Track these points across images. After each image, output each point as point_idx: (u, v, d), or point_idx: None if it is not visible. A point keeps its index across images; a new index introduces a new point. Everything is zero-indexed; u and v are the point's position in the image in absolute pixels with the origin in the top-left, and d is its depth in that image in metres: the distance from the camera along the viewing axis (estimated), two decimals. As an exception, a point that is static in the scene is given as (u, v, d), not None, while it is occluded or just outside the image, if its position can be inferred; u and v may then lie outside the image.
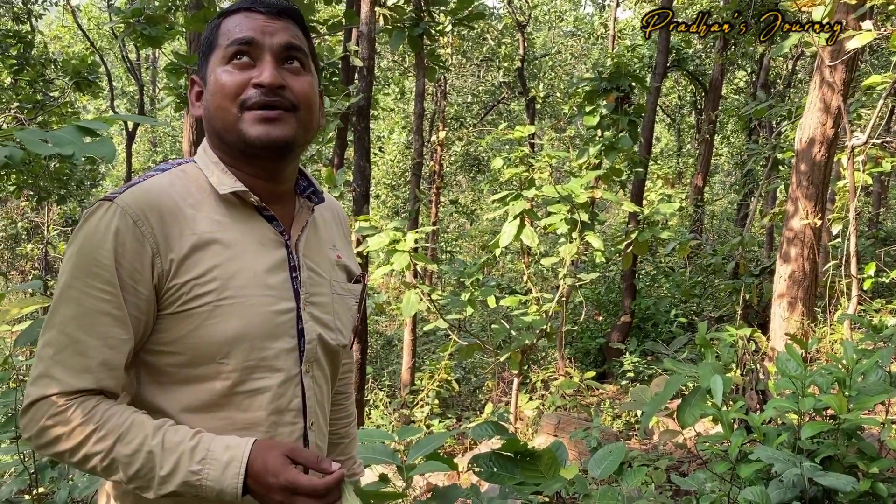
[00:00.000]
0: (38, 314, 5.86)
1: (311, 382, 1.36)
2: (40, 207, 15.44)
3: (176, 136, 25.57)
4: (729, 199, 18.42)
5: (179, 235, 1.22)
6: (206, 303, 1.22)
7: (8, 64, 10.92)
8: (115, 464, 1.15)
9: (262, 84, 1.26)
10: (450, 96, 18.64)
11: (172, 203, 1.24)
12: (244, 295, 1.25)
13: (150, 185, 1.25)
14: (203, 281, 1.22)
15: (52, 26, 24.06)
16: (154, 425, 1.18)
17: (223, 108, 1.28)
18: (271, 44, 1.28)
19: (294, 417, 1.32)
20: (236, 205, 1.30)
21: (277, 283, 1.30)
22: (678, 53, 13.77)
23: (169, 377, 1.25)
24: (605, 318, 11.19)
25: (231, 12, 1.33)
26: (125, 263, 1.18)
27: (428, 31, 7.96)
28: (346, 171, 6.78)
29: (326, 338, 1.38)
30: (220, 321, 1.22)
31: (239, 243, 1.27)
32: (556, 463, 1.89)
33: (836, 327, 6.10)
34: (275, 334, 1.28)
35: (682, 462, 4.63)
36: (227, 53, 1.28)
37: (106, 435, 1.15)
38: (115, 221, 1.18)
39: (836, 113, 5.92)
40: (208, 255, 1.23)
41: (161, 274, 1.20)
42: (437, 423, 7.30)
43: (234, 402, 1.26)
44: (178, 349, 1.23)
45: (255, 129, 1.26)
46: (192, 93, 1.37)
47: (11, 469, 2.58)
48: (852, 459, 2.30)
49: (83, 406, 1.16)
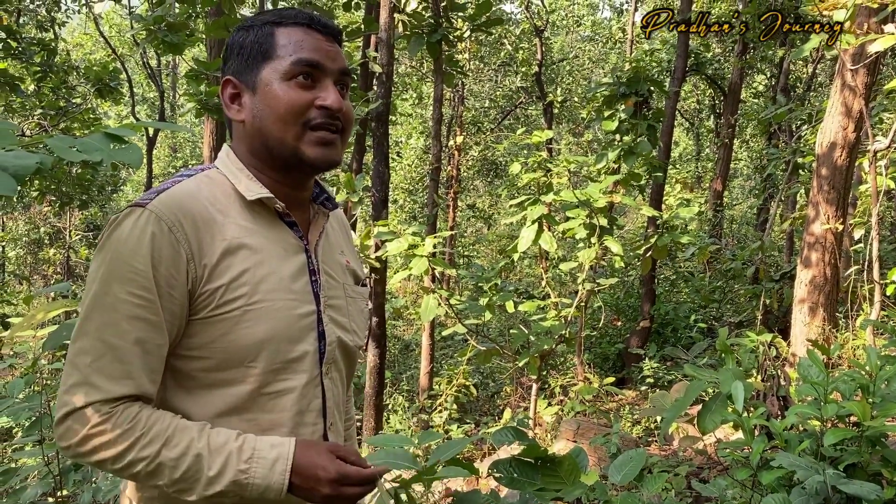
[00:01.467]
0: (61, 318, 5.92)
1: (330, 384, 1.39)
2: (62, 212, 15.62)
3: (196, 141, 25.76)
4: (748, 203, 18.28)
5: (211, 241, 1.24)
6: (236, 307, 1.24)
7: (32, 71, 11.06)
8: (161, 468, 1.17)
9: (329, 108, 1.30)
10: (467, 101, 18.64)
11: (203, 209, 1.25)
12: (272, 299, 1.27)
13: (181, 191, 1.26)
14: (234, 286, 1.24)
15: (75, 34, 24.37)
16: (198, 428, 1.20)
17: (285, 123, 1.29)
18: (333, 69, 1.32)
19: (315, 418, 1.35)
20: (261, 211, 1.33)
21: (300, 287, 1.33)
22: (697, 57, 13.70)
23: (196, 381, 1.27)
24: (625, 323, 11.14)
25: (288, 23, 1.33)
26: (161, 269, 1.19)
27: (446, 37, 7.98)
28: (364, 177, 6.80)
29: (345, 339, 1.42)
30: (250, 325, 1.24)
31: (265, 249, 1.30)
32: (576, 469, 1.88)
33: (858, 333, 6.04)
34: (299, 337, 1.31)
35: (703, 468, 4.59)
36: (291, 70, 1.29)
37: (152, 440, 1.17)
38: (151, 227, 1.19)
39: (857, 117, 5.87)
40: (238, 260, 1.25)
41: (195, 279, 1.22)
42: (455, 428, 7.30)
43: (260, 404, 1.28)
44: (208, 353, 1.25)
45: (314, 150, 1.30)
46: (226, 94, 1.36)
47: (35, 472, 2.61)
48: (876, 467, 2.28)
49: (126, 413, 1.18)
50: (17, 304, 12.87)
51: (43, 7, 12.26)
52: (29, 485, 2.56)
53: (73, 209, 14.70)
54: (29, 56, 10.82)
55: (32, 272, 17.85)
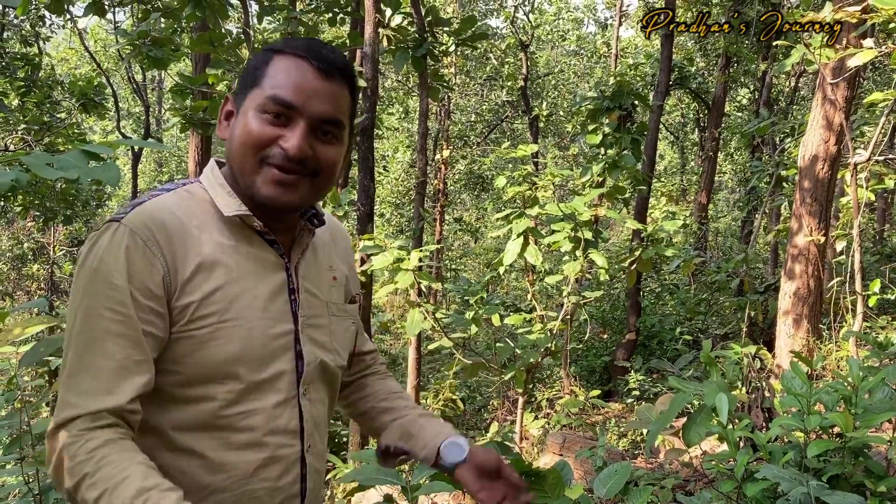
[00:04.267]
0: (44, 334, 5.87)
1: (308, 404, 1.35)
2: (46, 228, 15.50)
3: (182, 156, 25.69)
4: (733, 216, 18.41)
5: (185, 256, 1.22)
6: (207, 324, 1.22)
7: (16, 86, 11.03)
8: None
9: (287, 151, 1.25)
10: (453, 115, 18.71)
11: (178, 223, 1.23)
12: (244, 317, 1.25)
13: (156, 205, 1.24)
14: (206, 303, 1.22)
15: (60, 48, 24.28)
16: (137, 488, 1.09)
17: (244, 153, 1.27)
18: (311, 113, 1.26)
19: (291, 439, 1.32)
20: (239, 227, 1.30)
21: (277, 306, 1.30)
22: (681, 71, 13.82)
23: (166, 395, 1.24)
24: (611, 335, 11.17)
25: (287, 52, 1.28)
26: (137, 283, 1.17)
27: (431, 52, 8.01)
28: (350, 191, 6.80)
29: (325, 359, 1.38)
30: (221, 343, 1.22)
31: (241, 266, 1.27)
32: (561, 482, 1.88)
33: (841, 344, 6.08)
34: (272, 356, 1.28)
35: (689, 481, 4.60)
36: (264, 104, 1.26)
37: (95, 483, 1.10)
38: (125, 241, 1.18)
39: (838, 130, 5.94)
40: (212, 277, 1.23)
41: (169, 293, 1.20)
42: (442, 442, 7.26)
43: (229, 422, 1.26)
44: (178, 368, 1.23)
45: (267, 188, 1.26)
46: (224, 111, 1.35)
47: (16, 490, 2.58)
48: (860, 478, 2.29)
49: (88, 444, 1.12)
50: (2, 323, 12.73)
51: (27, 22, 12.22)
52: (9, 503, 2.53)
53: (57, 224, 14.60)
54: (13, 71, 10.79)
55: (16, 288, 17.69)
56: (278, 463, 1.31)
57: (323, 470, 1.45)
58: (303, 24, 7.58)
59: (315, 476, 1.40)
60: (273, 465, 1.30)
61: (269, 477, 1.30)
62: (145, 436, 1.24)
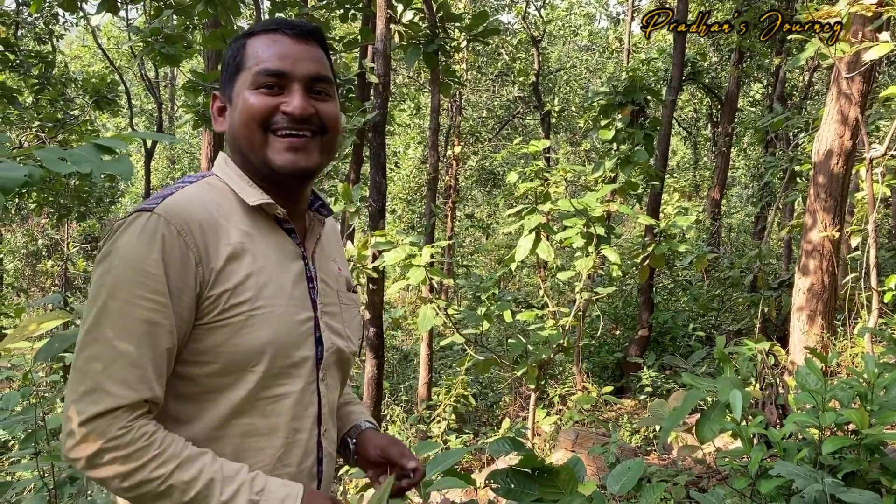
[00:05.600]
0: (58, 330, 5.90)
1: (326, 390, 1.39)
2: (60, 225, 15.61)
3: (194, 153, 25.78)
4: (746, 211, 18.30)
5: (216, 245, 1.24)
6: (241, 312, 1.24)
7: (30, 83, 11.10)
8: (171, 490, 1.15)
9: (291, 113, 1.29)
10: (465, 111, 18.68)
11: (207, 213, 1.25)
12: (274, 304, 1.28)
13: (186, 196, 1.26)
14: (239, 291, 1.25)
15: (73, 46, 24.42)
16: (210, 455, 1.21)
17: (250, 131, 1.30)
18: (302, 74, 1.31)
19: (311, 425, 1.36)
20: (261, 217, 1.34)
21: (299, 293, 1.34)
22: (693, 66, 13.74)
23: (200, 386, 1.26)
24: (623, 332, 11.13)
25: (257, 33, 1.34)
26: (172, 273, 1.18)
27: (443, 48, 8.00)
28: (362, 187, 6.81)
29: (341, 345, 1.43)
30: (254, 330, 1.25)
31: (266, 255, 1.31)
32: (573, 479, 1.87)
33: (856, 341, 6.03)
34: (297, 342, 1.32)
35: (702, 477, 4.58)
36: (256, 80, 1.30)
37: (166, 461, 1.16)
38: (161, 230, 1.18)
39: (853, 124, 5.88)
40: (242, 265, 1.26)
41: (202, 283, 1.22)
42: (454, 438, 7.27)
43: (258, 408, 1.29)
44: (212, 358, 1.24)
45: (281, 157, 1.30)
46: (214, 107, 1.40)
47: (32, 485, 2.60)
48: (875, 475, 2.27)
49: (144, 430, 1.16)
50: (16, 317, 12.84)
51: (41, 20, 12.29)
52: (24, 498, 2.54)
53: (71, 221, 14.70)
54: (27, 68, 10.85)
55: (31, 284, 17.82)
56: (299, 447, 1.34)
57: (335, 455, 1.49)
58: (314, 20, 7.58)
59: (329, 460, 1.44)
60: (295, 449, 1.33)
61: (292, 462, 1.33)
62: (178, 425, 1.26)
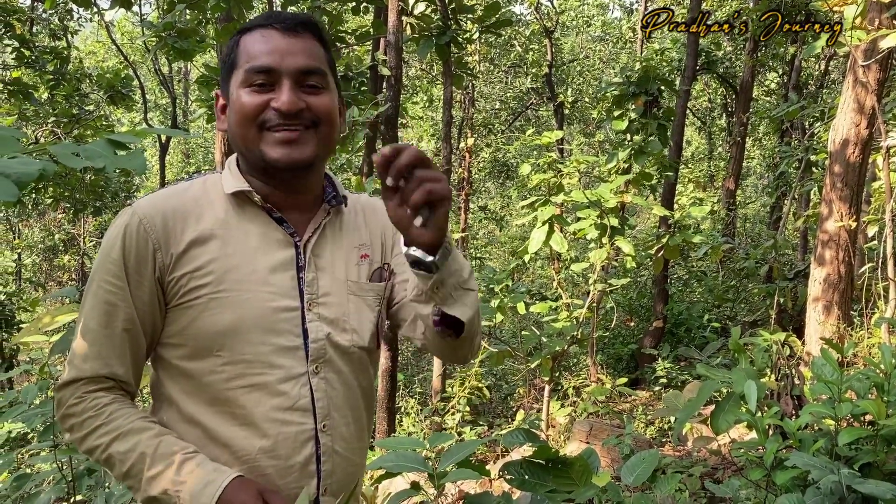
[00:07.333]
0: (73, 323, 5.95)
1: (324, 384, 1.36)
2: (76, 219, 15.74)
3: (208, 147, 25.87)
4: (761, 201, 18.17)
5: (181, 232, 1.30)
6: (202, 295, 1.29)
7: (45, 79, 11.19)
8: (111, 459, 1.26)
9: (280, 109, 1.30)
10: (478, 103, 18.64)
11: (180, 204, 1.32)
12: (240, 289, 1.30)
13: (166, 191, 1.36)
14: (199, 274, 1.29)
15: (87, 42, 24.53)
16: (154, 432, 1.27)
17: (244, 129, 1.33)
18: (290, 69, 1.31)
19: (301, 417, 1.33)
20: (244, 205, 1.36)
21: (281, 281, 1.34)
22: (707, 56, 13.64)
23: (176, 370, 1.33)
24: (637, 323, 11.10)
25: (249, 29, 1.36)
26: (131, 258, 1.28)
27: (455, 39, 7.98)
28: (374, 180, 6.81)
29: (337, 338, 1.38)
30: (215, 313, 1.29)
31: (239, 241, 1.33)
32: (588, 470, 1.87)
33: (873, 331, 5.99)
34: (273, 330, 1.32)
35: (717, 469, 4.57)
36: (247, 78, 1.32)
37: (108, 432, 1.26)
38: (126, 221, 1.29)
39: (870, 113, 5.82)
40: (206, 250, 1.31)
41: (162, 267, 1.29)
42: (468, 430, 7.29)
43: (233, 397, 1.31)
44: (181, 341, 1.31)
45: (275, 151, 1.31)
46: (218, 106, 1.43)
47: (50, 477, 2.63)
48: (892, 466, 2.26)
49: (96, 401, 1.29)
50: (32, 309, 12.97)
51: (55, 16, 12.36)
52: (43, 490, 2.57)
53: (87, 216, 14.82)
54: (42, 64, 10.93)
55: (48, 279, 17.99)
56: (286, 441, 1.32)
57: (351, 456, 1.42)
58: (326, 13, 7.59)
59: (335, 458, 1.38)
60: (283, 441, 1.32)
61: (279, 455, 1.32)
62: (162, 406, 1.35)
